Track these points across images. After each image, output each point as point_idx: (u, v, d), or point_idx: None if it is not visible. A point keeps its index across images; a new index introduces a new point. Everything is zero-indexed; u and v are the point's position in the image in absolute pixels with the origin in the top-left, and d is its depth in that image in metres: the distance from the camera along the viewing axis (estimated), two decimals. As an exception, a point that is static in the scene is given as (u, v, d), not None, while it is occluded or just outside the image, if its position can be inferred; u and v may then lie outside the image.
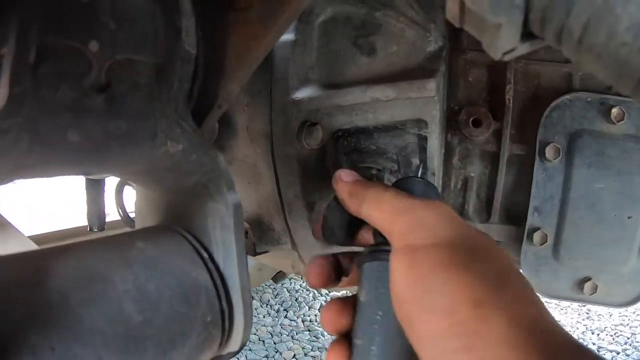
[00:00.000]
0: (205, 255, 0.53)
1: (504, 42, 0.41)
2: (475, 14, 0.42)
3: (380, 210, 0.51)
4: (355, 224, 0.74)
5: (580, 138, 1.02)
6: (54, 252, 0.47)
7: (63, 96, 0.38)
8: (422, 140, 0.94)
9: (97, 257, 0.46)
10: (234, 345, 0.53)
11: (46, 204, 3.43)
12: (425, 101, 0.90)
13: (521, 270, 1.08)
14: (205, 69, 0.53)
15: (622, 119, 1.00)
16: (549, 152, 1.01)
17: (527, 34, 0.42)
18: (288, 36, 0.82)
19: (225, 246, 0.51)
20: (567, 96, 1.01)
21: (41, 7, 0.34)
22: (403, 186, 0.55)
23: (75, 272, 0.43)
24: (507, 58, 0.43)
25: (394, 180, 0.90)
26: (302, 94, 0.82)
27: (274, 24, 0.49)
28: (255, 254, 0.94)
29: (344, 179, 0.60)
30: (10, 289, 0.38)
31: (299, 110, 0.82)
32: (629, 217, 1.03)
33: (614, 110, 1.00)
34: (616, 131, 1.01)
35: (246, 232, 0.95)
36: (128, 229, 0.60)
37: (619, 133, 1.01)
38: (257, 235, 0.94)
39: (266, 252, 0.96)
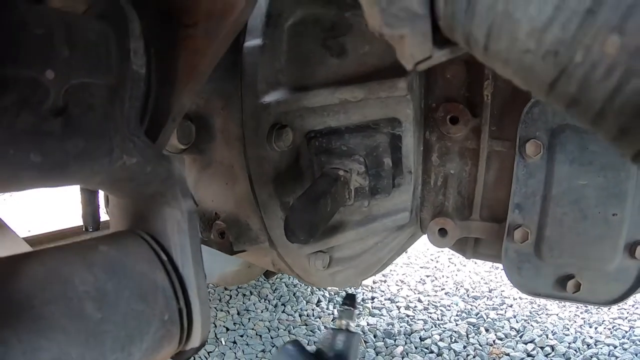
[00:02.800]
0: (165, 257, 0.57)
1: (414, 52, 0.41)
2: (384, 33, 0.42)
3: None
4: (317, 226, 0.77)
5: (562, 133, 1.03)
6: (21, 257, 0.51)
7: (23, 122, 0.43)
8: (396, 139, 0.96)
9: (60, 261, 0.51)
10: (194, 341, 0.57)
11: (41, 206, 3.51)
12: (397, 100, 0.93)
13: (502, 268, 1.10)
14: (158, 85, 0.57)
15: (606, 114, 1.00)
16: (529, 148, 1.03)
17: (442, 41, 0.42)
18: (256, 41, 0.84)
19: (183, 249, 0.56)
20: (549, 91, 1.02)
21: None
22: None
23: (39, 275, 0.47)
24: (421, 68, 0.42)
25: (361, 181, 0.93)
26: (270, 97, 0.85)
27: (217, 38, 0.52)
28: (232, 252, 0.98)
29: None
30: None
31: (268, 113, 0.85)
32: (613, 214, 1.04)
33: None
34: (599, 126, 1.02)
35: (223, 232, 0.98)
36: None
37: (603, 128, 1.02)
38: (234, 235, 0.98)
39: (243, 251, 0.99)
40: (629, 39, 0.32)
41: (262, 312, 2.33)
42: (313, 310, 2.33)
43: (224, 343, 2.07)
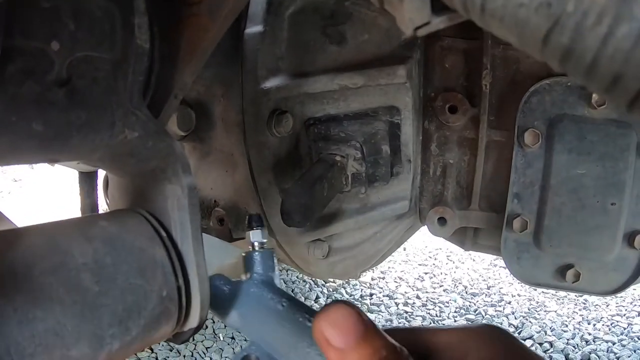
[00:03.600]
0: (164, 234, 0.57)
1: (413, 16, 0.42)
2: None
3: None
4: (313, 209, 0.77)
5: (560, 123, 1.04)
6: (21, 229, 0.52)
7: (28, 91, 0.44)
8: (394, 127, 0.97)
9: (60, 234, 0.51)
10: (192, 321, 0.56)
11: (41, 197, 3.51)
12: (396, 88, 0.94)
13: (502, 257, 1.11)
14: (161, 62, 0.58)
15: (604, 103, 1.01)
16: (528, 137, 1.04)
17: (440, 7, 0.43)
18: (257, 28, 0.86)
19: (182, 226, 0.56)
20: (547, 81, 1.04)
21: (6, 12, 0.40)
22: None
23: (39, 246, 0.47)
24: (421, 33, 0.44)
25: (358, 166, 0.94)
26: (271, 83, 0.86)
27: (220, 16, 0.53)
28: (232, 239, 0.99)
29: (341, 342, 0.38)
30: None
31: (268, 99, 0.86)
32: (612, 204, 1.05)
33: (596, 95, 1.01)
34: (598, 115, 1.03)
35: (222, 219, 0.99)
36: None
37: (601, 117, 1.03)
38: (233, 222, 0.98)
39: (242, 238, 1.00)
40: None
41: (260, 308, 2.34)
42: (311, 306, 2.33)
43: (222, 338, 2.08)
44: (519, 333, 2.06)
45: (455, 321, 2.13)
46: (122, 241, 0.53)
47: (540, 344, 1.98)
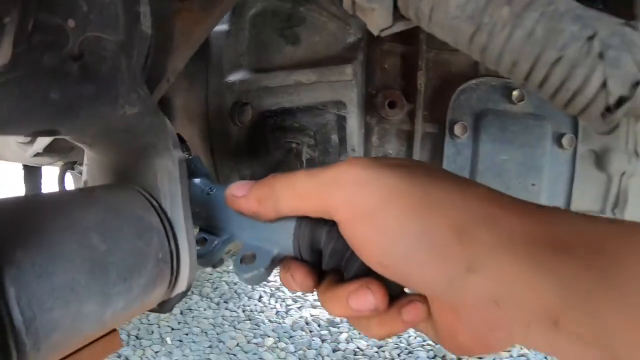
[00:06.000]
0: (156, 204, 0.63)
1: (379, 22, 0.60)
2: (358, 4, 0.59)
3: (307, 192, 0.47)
4: None
5: (485, 117, 1.22)
6: (30, 196, 0.58)
7: (48, 61, 0.51)
8: (342, 120, 1.11)
9: (65, 200, 0.57)
10: (181, 285, 0.62)
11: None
12: (343, 85, 1.08)
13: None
14: (156, 48, 0.67)
15: (523, 100, 1.20)
16: (457, 129, 1.20)
17: (399, 16, 0.61)
18: (223, 27, 0.97)
19: (173, 196, 0.62)
20: (474, 81, 1.21)
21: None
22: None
23: (48, 209, 0.52)
24: (384, 34, 0.61)
25: (311, 152, 1.07)
26: (234, 77, 0.97)
27: (213, 12, 0.64)
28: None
29: (241, 193, 0.54)
30: (4, 213, 0.50)
31: (231, 91, 0.98)
32: (532, 185, 1.23)
33: (515, 93, 1.20)
34: (517, 110, 1.21)
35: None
36: None
37: (520, 112, 1.22)
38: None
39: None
40: (514, 8, 0.52)
41: (205, 310, 2.39)
42: (256, 305, 2.42)
43: (169, 342, 2.13)
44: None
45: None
46: (121, 207, 0.58)
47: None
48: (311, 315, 2.29)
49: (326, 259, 0.50)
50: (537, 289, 0.37)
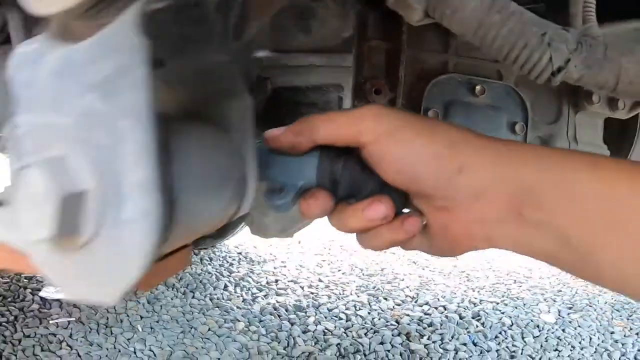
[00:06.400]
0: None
1: (416, 17, 0.84)
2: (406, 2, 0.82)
3: (342, 123, 0.59)
4: None
5: (452, 106, 1.45)
6: None
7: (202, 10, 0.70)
8: (339, 101, 1.32)
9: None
10: (245, 207, 0.70)
11: None
12: (344, 70, 1.29)
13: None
14: (243, 10, 0.81)
15: (484, 93, 1.44)
16: (430, 115, 1.43)
17: (426, 14, 0.85)
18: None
19: (245, 133, 0.71)
20: (444, 76, 1.44)
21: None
22: None
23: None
24: (417, 24, 0.87)
25: None
26: (260, 54, 1.15)
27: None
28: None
29: (280, 131, 0.65)
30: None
31: (258, 66, 1.16)
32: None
33: (478, 87, 1.44)
34: (479, 102, 1.45)
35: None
36: None
37: (481, 103, 1.46)
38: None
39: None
40: (502, 16, 0.83)
41: (172, 299, 2.45)
42: (222, 294, 2.53)
43: (141, 330, 2.17)
44: (416, 301, 2.47)
45: (358, 297, 2.48)
46: (216, 130, 0.69)
47: (436, 308, 2.39)
48: (277, 302, 2.43)
49: (343, 185, 0.62)
50: (504, 188, 0.53)
